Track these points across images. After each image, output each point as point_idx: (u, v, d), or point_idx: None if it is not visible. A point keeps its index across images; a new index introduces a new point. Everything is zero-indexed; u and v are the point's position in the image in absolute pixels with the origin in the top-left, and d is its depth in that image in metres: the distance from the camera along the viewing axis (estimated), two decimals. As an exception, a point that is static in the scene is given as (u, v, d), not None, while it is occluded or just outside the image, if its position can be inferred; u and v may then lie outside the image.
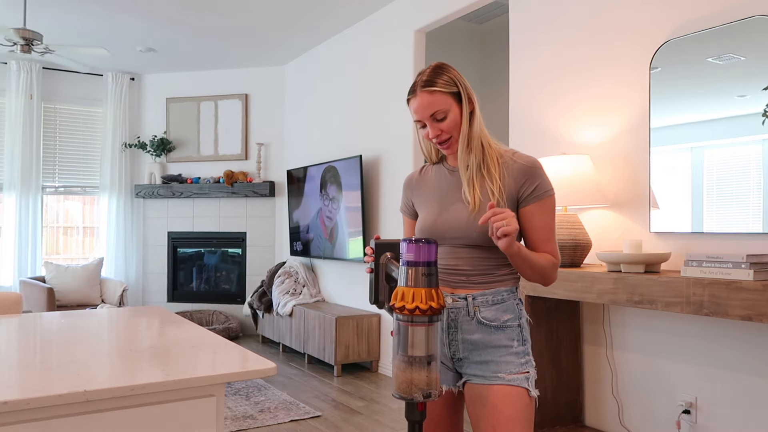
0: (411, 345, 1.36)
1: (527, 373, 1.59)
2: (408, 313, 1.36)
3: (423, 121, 1.64)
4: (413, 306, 1.36)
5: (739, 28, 2.58)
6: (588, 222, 3.27)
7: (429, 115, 1.62)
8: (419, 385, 1.36)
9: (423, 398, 1.36)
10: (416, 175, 1.84)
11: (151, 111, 7.09)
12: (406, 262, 1.39)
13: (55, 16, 5.21)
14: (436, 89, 1.61)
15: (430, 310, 1.36)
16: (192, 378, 1.36)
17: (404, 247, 1.40)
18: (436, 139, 1.65)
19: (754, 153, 2.53)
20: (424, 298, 1.36)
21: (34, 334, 1.92)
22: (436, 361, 1.39)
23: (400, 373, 1.37)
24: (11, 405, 1.18)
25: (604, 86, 3.22)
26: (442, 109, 1.61)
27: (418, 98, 1.62)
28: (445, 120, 1.62)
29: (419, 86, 1.63)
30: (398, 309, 1.38)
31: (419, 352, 1.36)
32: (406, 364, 1.37)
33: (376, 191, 5.12)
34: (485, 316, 1.60)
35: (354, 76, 5.46)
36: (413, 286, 1.37)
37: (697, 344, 2.77)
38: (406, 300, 1.37)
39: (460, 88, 1.63)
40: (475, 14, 5.40)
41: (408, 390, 1.36)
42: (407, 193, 1.84)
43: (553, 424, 3.17)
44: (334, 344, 4.90)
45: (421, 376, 1.36)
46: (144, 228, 7.04)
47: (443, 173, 1.74)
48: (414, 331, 1.37)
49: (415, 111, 1.64)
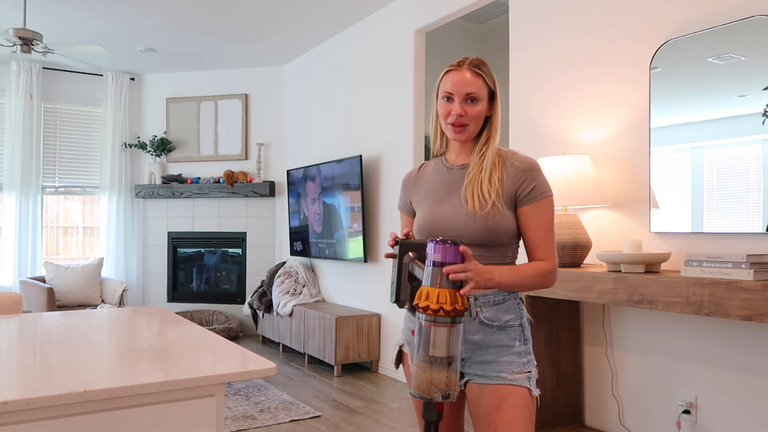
0: (432, 345, 1.36)
1: (529, 373, 1.59)
2: (432, 313, 1.36)
3: (454, 96, 1.62)
4: (437, 306, 1.35)
5: (739, 28, 2.58)
6: (588, 222, 3.27)
7: (465, 92, 1.61)
8: (438, 386, 1.36)
9: (442, 399, 1.36)
10: (415, 174, 1.83)
11: (151, 111, 7.09)
12: (433, 262, 1.39)
13: (55, 16, 5.21)
14: (482, 74, 1.63)
15: (454, 311, 1.36)
16: (192, 378, 1.36)
17: (431, 247, 1.40)
18: (456, 117, 1.62)
19: (754, 153, 2.53)
20: (449, 299, 1.36)
21: (34, 334, 1.92)
22: (457, 362, 1.38)
23: (420, 372, 1.37)
24: (11, 405, 1.18)
25: (605, 86, 3.22)
26: (479, 93, 1.62)
27: (462, 72, 1.62)
28: (474, 105, 1.62)
29: (467, 63, 1.63)
30: (422, 308, 1.37)
31: (440, 352, 1.36)
32: (427, 363, 1.36)
33: (376, 191, 5.12)
34: (487, 317, 1.60)
35: (354, 76, 5.46)
36: (438, 286, 1.37)
37: (697, 344, 2.77)
38: (431, 300, 1.36)
39: (496, 89, 1.66)
40: (475, 14, 5.40)
41: (427, 390, 1.36)
42: (406, 191, 1.83)
43: (553, 424, 3.17)
44: (334, 344, 4.90)
45: (441, 376, 1.36)
46: (144, 228, 7.04)
47: (441, 170, 1.74)
48: (436, 332, 1.36)
49: (453, 83, 1.62)
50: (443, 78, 1.66)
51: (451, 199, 1.67)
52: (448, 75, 1.65)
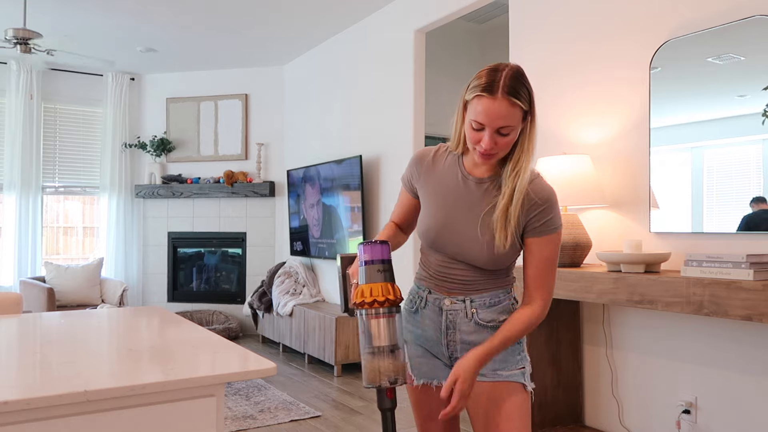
0: (374, 337, 1.44)
1: (522, 369, 1.62)
2: (368, 306, 1.44)
3: (484, 126, 1.44)
4: (371, 299, 1.44)
5: (739, 28, 2.58)
6: (588, 222, 3.27)
7: (498, 126, 1.43)
8: (386, 373, 1.43)
9: (390, 384, 1.43)
10: (429, 158, 1.66)
11: (151, 111, 7.09)
12: (363, 261, 1.48)
13: (56, 16, 5.21)
14: (517, 102, 1.43)
15: (387, 302, 1.45)
16: (192, 378, 1.36)
17: (360, 249, 1.50)
18: (486, 149, 1.46)
19: (754, 153, 2.53)
20: (381, 291, 1.45)
21: (34, 334, 1.92)
22: (401, 350, 1.45)
23: (367, 364, 1.44)
24: (11, 405, 1.18)
25: (605, 86, 3.22)
26: (513, 125, 1.44)
27: (495, 102, 1.41)
28: (507, 137, 1.45)
29: (502, 89, 1.41)
30: (359, 305, 1.46)
31: (382, 342, 1.44)
32: (371, 355, 1.44)
33: (376, 191, 5.12)
34: (482, 318, 1.61)
35: (354, 75, 5.45)
36: (371, 282, 1.46)
37: (697, 344, 2.77)
38: (365, 296, 1.45)
39: (532, 106, 1.47)
40: (475, 14, 5.40)
41: (376, 378, 1.42)
42: (413, 172, 1.69)
43: (553, 424, 3.17)
44: (334, 344, 4.90)
45: (387, 364, 1.43)
46: (144, 228, 7.04)
47: (456, 174, 1.61)
48: (376, 323, 1.45)
49: (486, 114, 1.42)
50: (474, 100, 1.45)
51: (462, 214, 1.59)
52: (479, 100, 1.43)
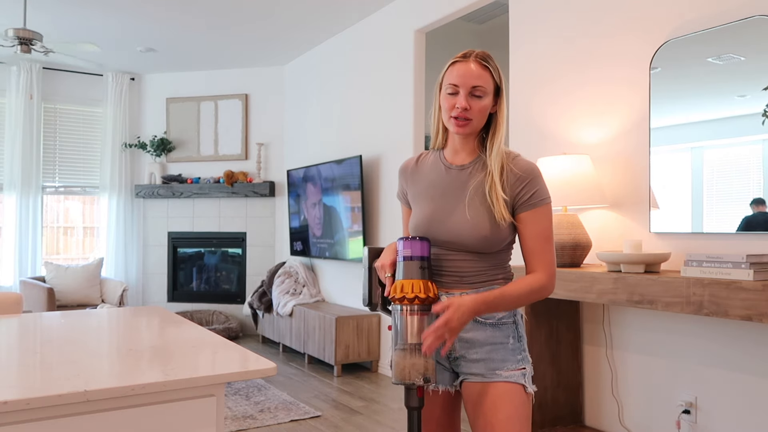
0: (410, 333, 1.45)
1: (524, 370, 1.59)
2: (408, 302, 1.45)
3: (459, 88, 1.56)
4: (412, 296, 1.45)
5: (739, 28, 2.58)
6: (588, 222, 3.27)
7: (472, 85, 1.55)
8: (418, 370, 1.43)
9: (423, 382, 1.44)
10: (412, 164, 1.76)
11: (151, 111, 7.09)
12: (403, 257, 1.48)
13: (56, 16, 5.21)
14: (489, 67, 1.58)
15: (428, 299, 1.46)
16: (192, 378, 1.36)
17: (400, 244, 1.50)
18: (461, 111, 1.56)
19: (754, 153, 2.53)
20: (422, 288, 1.46)
21: (34, 334, 1.92)
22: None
23: (399, 360, 1.44)
24: (11, 405, 1.18)
25: (605, 86, 3.22)
26: (485, 88, 1.57)
27: (469, 64, 1.56)
28: (480, 100, 1.57)
29: (473, 55, 1.57)
30: (398, 300, 1.46)
31: (417, 339, 1.44)
32: (404, 351, 1.44)
33: (376, 191, 5.12)
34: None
35: (354, 75, 5.46)
36: (410, 278, 1.47)
37: (697, 344, 2.77)
38: (406, 291, 1.45)
39: (502, 84, 1.61)
40: (475, 14, 5.40)
41: (408, 375, 1.43)
42: (402, 183, 1.78)
43: (553, 424, 3.17)
44: (334, 344, 4.90)
45: (419, 362, 1.44)
46: (144, 228, 7.04)
47: (440, 168, 1.68)
48: (412, 320, 1.46)
49: (459, 75, 1.56)
50: (448, 69, 1.60)
51: (449, 201, 1.62)
52: (453, 66, 1.58)
